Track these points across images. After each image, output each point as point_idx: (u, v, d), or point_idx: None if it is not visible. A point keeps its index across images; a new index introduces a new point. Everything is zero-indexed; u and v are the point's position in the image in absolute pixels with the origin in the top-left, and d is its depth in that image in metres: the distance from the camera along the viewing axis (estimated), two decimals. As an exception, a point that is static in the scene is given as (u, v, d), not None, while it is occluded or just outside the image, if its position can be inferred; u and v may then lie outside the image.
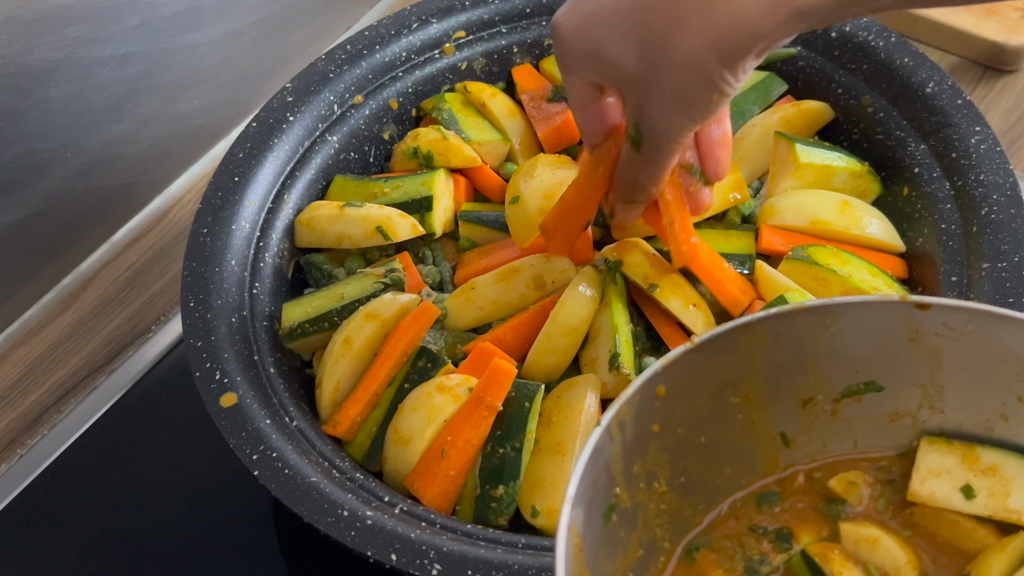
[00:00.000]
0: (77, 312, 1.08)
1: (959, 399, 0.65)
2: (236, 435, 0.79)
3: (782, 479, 0.67)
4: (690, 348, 0.61)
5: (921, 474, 0.66)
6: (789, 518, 0.66)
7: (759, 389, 0.65)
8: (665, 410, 0.62)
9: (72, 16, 0.97)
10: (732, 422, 0.65)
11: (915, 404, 0.66)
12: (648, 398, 0.60)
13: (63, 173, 1.04)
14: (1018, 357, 0.62)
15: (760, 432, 0.66)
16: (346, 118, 1.00)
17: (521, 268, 0.88)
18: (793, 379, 0.65)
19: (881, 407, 0.67)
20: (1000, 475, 0.64)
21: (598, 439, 0.57)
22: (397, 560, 0.72)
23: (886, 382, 0.66)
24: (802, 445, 0.67)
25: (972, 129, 0.90)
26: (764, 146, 0.95)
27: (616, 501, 0.60)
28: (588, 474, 0.56)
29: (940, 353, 0.64)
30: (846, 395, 0.66)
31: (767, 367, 0.64)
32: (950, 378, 0.65)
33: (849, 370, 0.65)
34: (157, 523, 0.93)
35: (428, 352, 0.85)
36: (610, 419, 0.58)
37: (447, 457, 0.80)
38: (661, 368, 0.60)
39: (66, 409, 1.01)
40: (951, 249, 0.87)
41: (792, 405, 0.66)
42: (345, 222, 0.92)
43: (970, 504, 0.64)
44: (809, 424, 0.67)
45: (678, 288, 0.87)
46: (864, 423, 0.67)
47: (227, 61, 1.15)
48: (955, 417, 0.66)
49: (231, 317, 0.86)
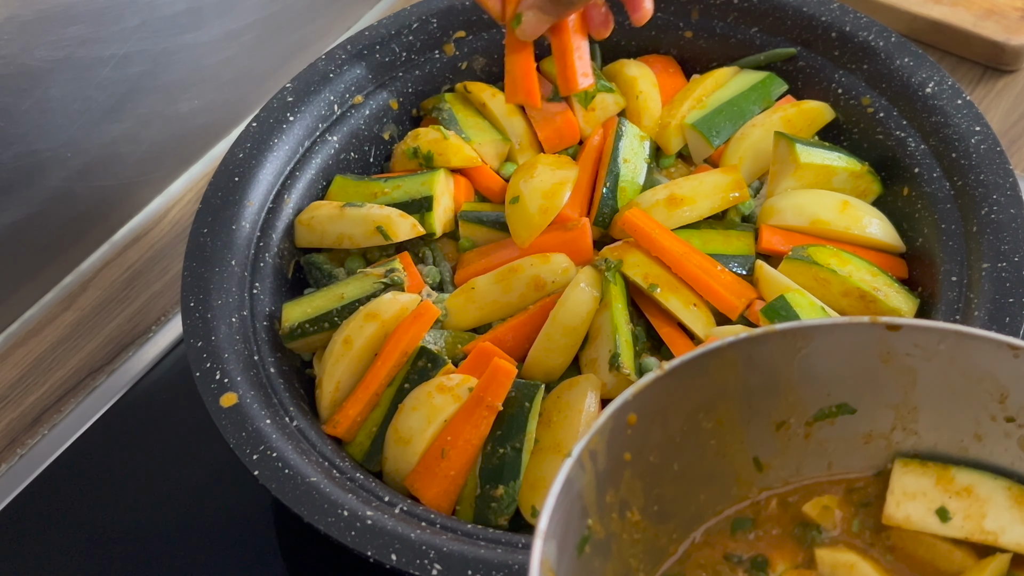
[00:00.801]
0: (77, 312, 1.08)
1: (933, 420, 0.65)
2: (236, 435, 0.79)
3: (756, 504, 0.66)
4: (660, 375, 0.60)
5: (896, 497, 0.65)
6: (764, 545, 0.65)
7: (732, 413, 0.64)
8: (637, 438, 0.61)
9: (72, 16, 0.97)
10: (705, 448, 0.64)
11: (888, 425, 0.66)
12: (620, 426, 0.59)
13: (63, 173, 1.04)
14: (991, 376, 0.62)
15: (733, 457, 0.65)
16: (346, 118, 1.00)
17: (521, 268, 0.88)
18: (766, 402, 0.64)
19: (855, 429, 0.66)
20: (975, 496, 0.64)
21: (569, 470, 0.56)
22: (397, 560, 0.72)
23: (859, 404, 0.65)
24: (776, 469, 0.66)
25: (972, 129, 0.90)
26: (764, 146, 0.95)
27: (589, 532, 0.59)
28: (560, 506, 0.55)
29: (913, 374, 0.63)
30: (819, 418, 0.65)
31: (739, 391, 0.63)
32: (924, 399, 0.64)
33: (822, 392, 0.65)
34: (157, 523, 0.93)
35: (428, 352, 0.85)
36: (581, 449, 0.57)
37: (447, 457, 0.80)
38: (631, 396, 0.59)
39: (66, 409, 1.01)
40: (951, 249, 0.86)
41: (766, 428, 0.65)
42: (345, 222, 0.92)
43: (946, 527, 0.63)
44: (783, 447, 0.66)
45: (678, 288, 0.87)
46: (838, 445, 0.66)
47: (227, 61, 1.15)
48: (929, 438, 0.65)
49: (231, 317, 0.86)
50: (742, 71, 1.01)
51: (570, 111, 0.99)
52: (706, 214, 0.91)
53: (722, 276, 0.87)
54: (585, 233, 0.91)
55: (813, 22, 0.99)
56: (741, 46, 1.02)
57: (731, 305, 0.86)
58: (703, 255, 0.88)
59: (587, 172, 0.95)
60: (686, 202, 0.91)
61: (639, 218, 0.88)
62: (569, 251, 0.89)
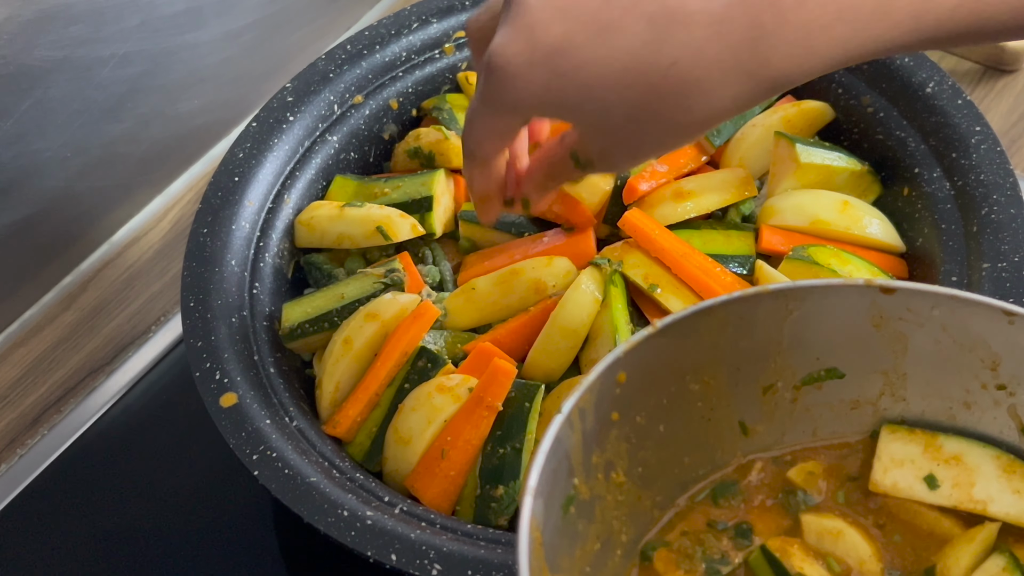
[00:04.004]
0: (77, 312, 1.08)
1: (922, 387, 0.64)
2: (236, 435, 0.79)
3: (740, 469, 0.65)
4: (652, 332, 0.59)
5: (883, 463, 0.64)
6: (748, 512, 0.64)
7: (720, 376, 0.63)
8: (625, 397, 0.60)
9: (72, 16, 0.97)
10: (692, 410, 0.64)
11: (876, 392, 0.65)
12: (609, 385, 0.59)
13: (63, 173, 1.04)
14: (984, 343, 0.61)
15: (719, 420, 0.64)
16: (346, 118, 1.00)
17: (522, 271, 0.88)
18: (755, 365, 0.64)
19: (842, 395, 0.65)
20: (964, 465, 0.63)
21: (559, 428, 0.56)
22: (397, 560, 0.72)
23: (848, 369, 0.64)
24: (761, 435, 0.66)
25: (972, 129, 0.90)
26: (764, 146, 0.95)
27: (575, 492, 0.58)
28: (549, 464, 0.55)
29: (904, 339, 0.62)
30: (807, 382, 0.65)
31: (729, 353, 0.63)
32: (914, 365, 0.63)
33: (811, 356, 0.64)
34: (157, 523, 0.93)
35: (428, 352, 0.84)
36: (571, 407, 0.57)
37: (447, 457, 0.80)
38: (623, 353, 0.58)
39: (66, 409, 1.01)
40: (951, 249, 0.86)
41: (753, 392, 0.65)
42: (345, 222, 0.92)
43: (934, 495, 0.63)
44: (769, 412, 0.65)
45: (678, 289, 0.87)
46: (824, 411, 0.66)
47: (227, 61, 1.14)
48: (917, 405, 0.65)
49: (231, 317, 0.86)
50: (742, 71, 1.00)
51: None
52: (713, 208, 0.91)
53: (722, 276, 0.87)
54: (588, 236, 0.91)
55: (813, 22, 0.99)
56: (741, 46, 1.02)
57: (731, 305, 0.86)
58: (703, 255, 0.88)
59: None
60: (692, 196, 0.91)
61: (639, 219, 0.88)
62: (572, 254, 0.89)
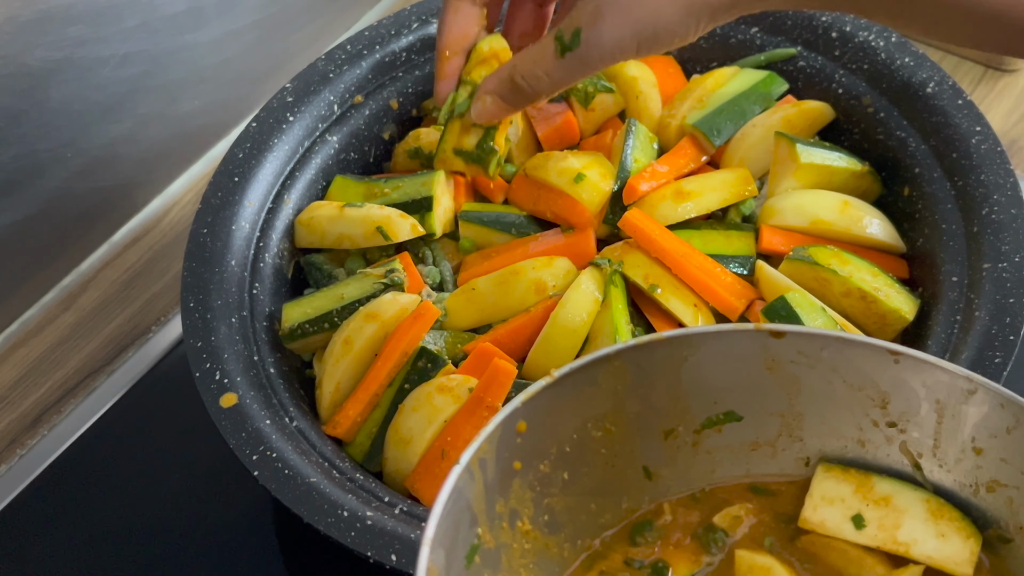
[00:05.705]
0: (77, 312, 1.08)
1: (818, 426, 0.65)
2: (236, 435, 0.79)
3: (650, 513, 0.66)
4: (550, 382, 0.59)
5: (814, 501, 0.65)
6: (663, 550, 0.65)
7: (622, 422, 0.64)
8: (527, 446, 0.60)
9: (72, 16, 0.97)
10: (595, 457, 0.64)
11: (775, 432, 0.66)
12: (509, 434, 0.59)
13: (63, 173, 1.04)
14: (872, 382, 0.62)
15: (624, 466, 0.65)
16: (346, 118, 1.00)
17: (523, 271, 0.88)
18: (655, 411, 0.64)
19: (741, 437, 0.66)
20: (893, 506, 0.64)
21: (457, 478, 0.55)
22: (397, 560, 0.72)
23: (745, 411, 0.65)
24: (665, 478, 0.66)
25: (972, 129, 0.90)
26: (765, 146, 0.95)
27: (479, 542, 0.58)
28: (449, 514, 0.55)
29: (798, 381, 0.63)
30: (706, 426, 0.65)
31: (629, 400, 0.63)
32: (808, 405, 0.64)
33: (709, 400, 0.65)
34: (157, 523, 0.93)
35: (428, 352, 0.84)
36: (470, 457, 0.56)
37: (447, 457, 0.80)
38: (521, 404, 0.59)
39: (66, 409, 1.01)
40: (952, 249, 0.86)
41: (655, 438, 0.65)
42: (345, 222, 0.92)
43: (859, 534, 0.63)
44: (672, 456, 0.66)
45: (679, 289, 0.86)
46: (724, 454, 0.66)
47: (227, 61, 1.14)
48: (814, 444, 0.66)
49: (231, 317, 0.86)
50: (742, 71, 1.00)
51: (570, 111, 0.99)
52: (713, 208, 0.91)
53: (722, 277, 0.87)
54: (588, 236, 0.91)
55: (813, 22, 0.99)
56: (741, 46, 1.02)
57: (731, 306, 0.86)
58: (704, 256, 0.88)
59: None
60: (693, 196, 0.91)
61: (639, 219, 0.88)
62: (572, 254, 0.89)
